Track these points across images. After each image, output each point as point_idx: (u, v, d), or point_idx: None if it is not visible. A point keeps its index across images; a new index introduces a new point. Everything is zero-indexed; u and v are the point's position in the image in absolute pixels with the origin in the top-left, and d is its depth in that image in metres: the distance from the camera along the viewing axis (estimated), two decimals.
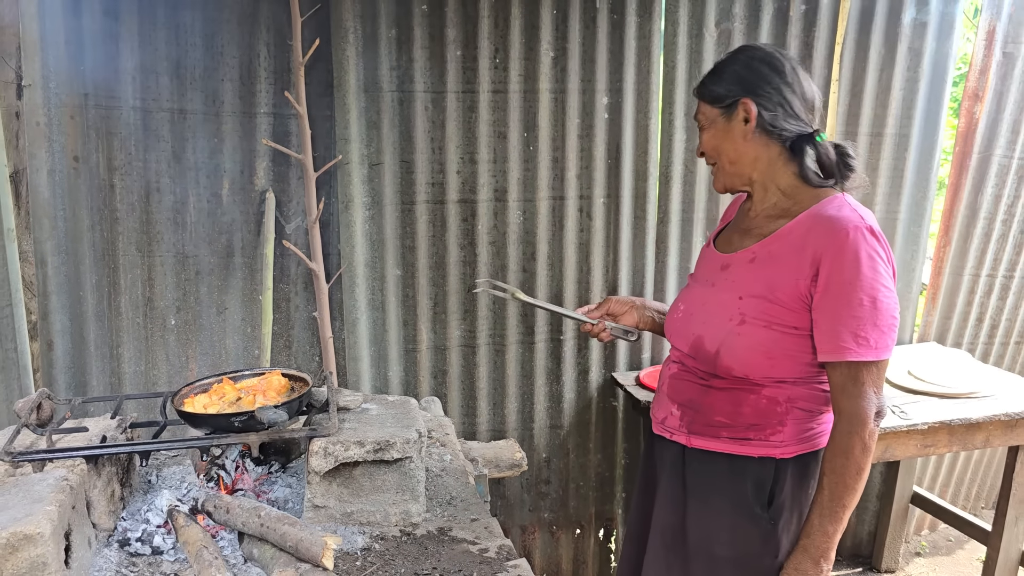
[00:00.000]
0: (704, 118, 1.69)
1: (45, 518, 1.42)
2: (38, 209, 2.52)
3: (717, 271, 1.73)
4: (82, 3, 2.45)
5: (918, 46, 3.10)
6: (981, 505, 3.94)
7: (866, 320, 1.51)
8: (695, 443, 1.72)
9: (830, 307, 1.53)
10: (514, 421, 3.10)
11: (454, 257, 2.90)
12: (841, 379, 1.56)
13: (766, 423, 1.64)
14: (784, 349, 1.60)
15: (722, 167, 1.69)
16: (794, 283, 1.57)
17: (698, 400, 1.72)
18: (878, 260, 1.52)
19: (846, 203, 1.59)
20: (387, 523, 1.80)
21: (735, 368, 1.63)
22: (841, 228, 1.53)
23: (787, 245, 1.60)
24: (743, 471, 1.66)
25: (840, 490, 1.56)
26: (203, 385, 1.96)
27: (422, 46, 2.70)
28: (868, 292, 1.51)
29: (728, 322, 1.63)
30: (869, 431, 1.55)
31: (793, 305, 1.57)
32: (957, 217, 3.37)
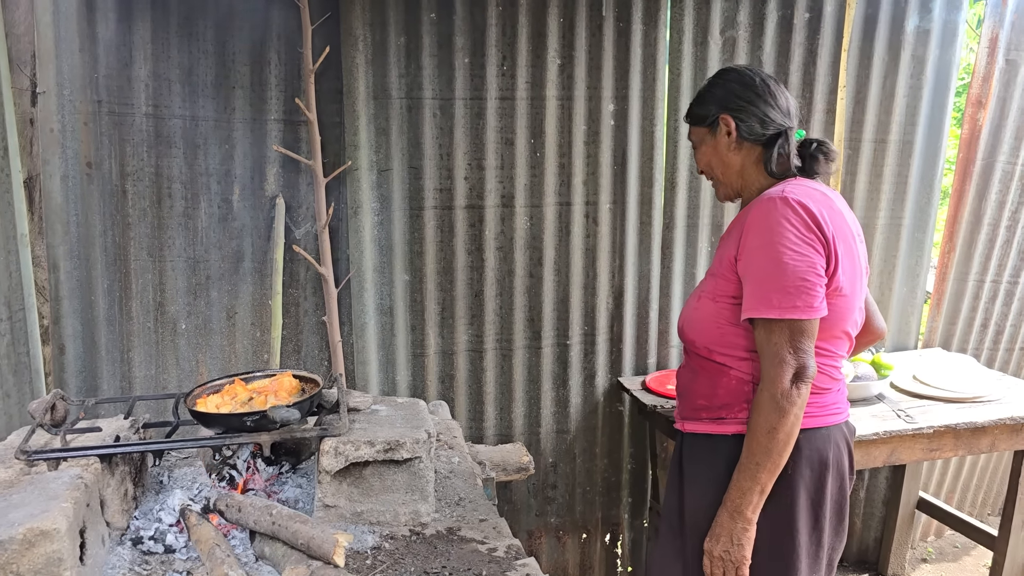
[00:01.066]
0: (695, 138, 1.87)
1: (61, 515, 1.44)
2: (51, 214, 2.54)
3: None
4: (96, 11, 2.48)
5: (921, 53, 3.13)
6: (988, 511, 3.94)
7: (770, 281, 1.61)
8: (687, 427, 1.86)
9: (745, 271, 1.66)
10: (521, 425, 3.11)
11: (462, 262, 2.92)
12: (759, 339, 1.66)
13: (735, 401, 1.74)
14: (727, 318, 1.72)
15: (718, 179, 1.86)
16: (728, 256, 1.71)
17: (686, 386, 1.86)
18: (787, 225, 1.60)
19: (787, 184, 1.70)
20: (397, 522, 1.82)
21: (696, 341, 1.79)
22: (760, 202, 1.66)
23: (733, 227, 1.75)
24: (720, 448, 1.76)
25: (753, 446, 1.64)
26: (215, 386, 1.98)
27: (430, 54, 2.74)
28: (771, 255, 1.61)
29: (692, 300, 1.83)
30: (782, 391, 1.61)
31: (729, 275, 1.71)
32: (961, 223, 3.39)
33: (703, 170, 1.89)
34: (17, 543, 1.37)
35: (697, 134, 1.86)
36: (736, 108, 1.78)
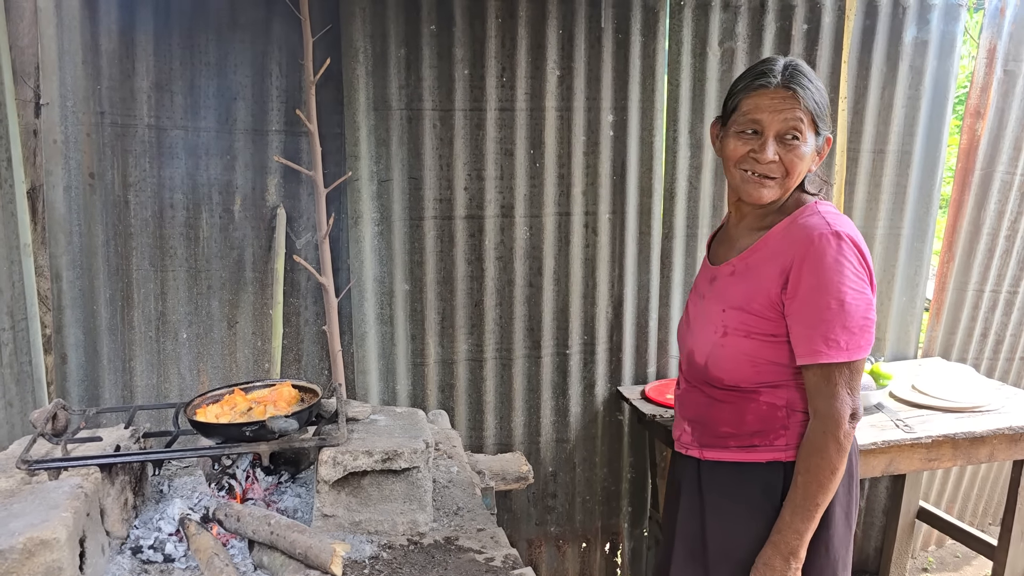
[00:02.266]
0: (806, 132, 1.60)
1: (61, 524, 1.45)
2: (54, 225, 2.57)
3: (707, 283, 1.79)
4: (99, 24, 2.51)
5: (919, 64, 3.14)
6: (988, 521, 3.94)
7: (835, 322, 1.55)
8: (708, 455, 1.76)
9: (800, 312, 1.58)
10: (520, 434, 3.12)
11: (461, 272, 2.94)
12: (815, 381, 1.60)
13: (769, 429, 1.68)
14: (766, 357, 1.65)
15: (788, 183, 1.64)
16: (767, 292, 1.61)
17: (704, 414, 1.76)
18: (845, 263, 1.55)
19: (817, 211, 1.63)
20: (395, 532, 1.83)
21: (725, 378, 1.69)
22: (807, 236, 1.58)
23: (762, 257, 1.65)
24: (752, 477, 1.70)
25: (814, 488, 1.59)
26: (215, 396, 1.99)
27: (430, 65, 2.76)
28: (835, 295, 1.54)
29: (713, 334, 1.70)
30: (844, 432, 1.58)
31: (768, 314, 1.62)
32: (960, 233, 3.40)
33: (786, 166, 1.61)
34: (17, 552, 1.38)
35: (808, 129, 1.60)
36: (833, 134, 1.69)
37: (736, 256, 1.72)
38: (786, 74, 1.59)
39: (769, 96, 1.59)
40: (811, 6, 3.01)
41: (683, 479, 1.85)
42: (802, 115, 1.58)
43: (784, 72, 1.59)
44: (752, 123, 1.61)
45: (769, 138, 1.60)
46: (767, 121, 1.59)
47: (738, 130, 1.64)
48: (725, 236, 1.85)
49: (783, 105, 1.58)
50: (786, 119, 1.58)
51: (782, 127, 1.59)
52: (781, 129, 1.59)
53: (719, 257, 1.81)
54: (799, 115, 1.58)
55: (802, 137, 1.60)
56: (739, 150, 1.64)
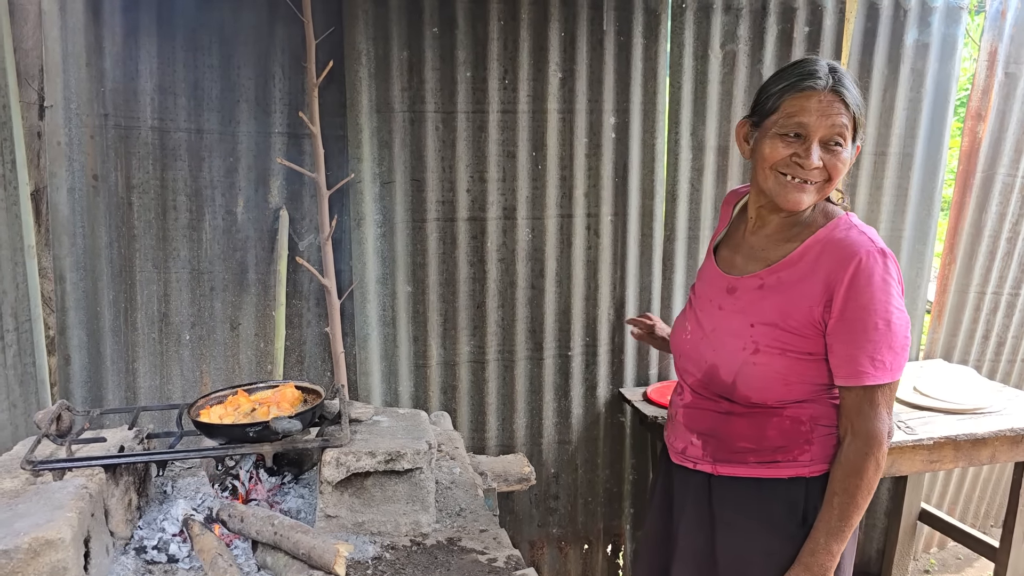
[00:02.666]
0: (847, 134, 1.56)
1: (66, 524, 1.46)
2: (58, 226, 2.57)
3: (723, 293, 1.71)
4: (103, 26, 2.52)
5: (920, 67, 3.15)
6: (991, 523, 3.94)
7: (881, 343, 1.52)
8: (721, 471, 1.71)
9: (846, 332, 1.53)
10: (523, 436, 3.13)
11: (464, 274, 2.95)
12: (857, 401, 1.56)
13: (792, 444, 1.64)
14: (800, 375, 1.60)
15: (825, 190, 1.59)
16: (807, 310, 1.56)
17: (719, 428, 1.70)
18: (891, 282, 1.52)
19: (853, 224, 1.60)
20: (397, 533, 1.84)
21: (752, 396, 1.63)
22: (853, 252, 1.53)
23: (797, 272, 1.59)
24: (774, 493, 1.66)
25: (851, 510, 1.57)
26: (218, 397, 2.00)
27: (433, 67, 2.77)
28: (883, 315, 1.51)
29: (742, 351, 1.62)
30: (883, 452, 1.57)
31: (807, 332, 1.58)
32: (962, 235, 3.40)
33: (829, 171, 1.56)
34: (23, 552, 1.39)
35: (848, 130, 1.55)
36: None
37: (764, 269, 1.65)
38: (834, 77, 1.54)
39: (817, 99, 1.53)
40: (812, 9, 3.01)
41: (687, 493, 1.79)
42: (847, 121, 1.54)
43: (831, 75, 1.54)
44: (797, 126, 1.54)
45: (814, 143, 1.54)
46: (814, 125, 1.53)
47: (780, 132, 1.57)
48: (739, 243, 1.77)
49: (831, 110, 1.53)
50: (833, 124, 1.53)
51: (828, 132, 1.53)
52: (827, 135, 1.54)
53: (734, 266, 1.73)
54: (845, 121, 1.53)
55: (845, 143, 1.55)
56: (780, 153, 1.57)
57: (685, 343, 1.78)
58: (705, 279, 1.80)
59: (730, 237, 1.81)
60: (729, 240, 1.81)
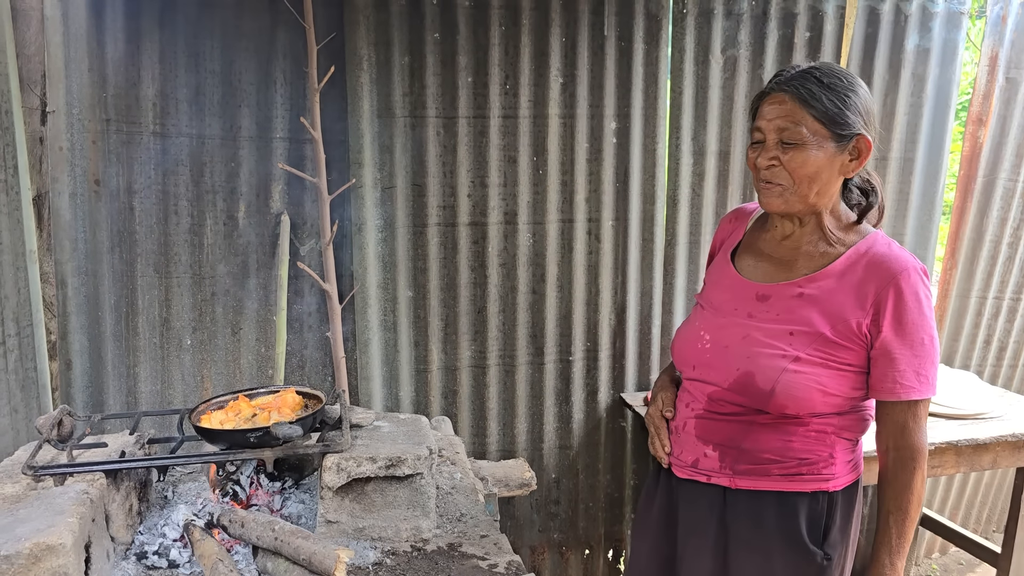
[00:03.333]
0: (807, 135, 1.52)
1: (67, 530, 1.46)
2: (59, 231, 2.58)
3: (753, 301, 1.66)
4: (105, 32, 2.52)
5: (921, 72, 3.15)
6: (993, 528, 3.93)
7: (927, 358, 1.55)
8: (741, 484, 1.65)
9: (895, 347, 1.54)
10: (524, 441, 3.13)
11: (465, 279, 2.95)
12: (901, 417, 1.57)
13: (817, 457, 1.62)
14: (837, 386, 1.58)
15: (800, 191, 1.56)
16: (852, 321, 1.55)
17: (740, 439, 1.64)
18: (930, 300, 1.57)
19: (892, 241, 1.61)
20: (398, 538, 1.83)
21: (789, 406, 1.57)
22: (902, 269, 1.54)
23: (842, 283, 1.58)
24: (795, 508, 1.62)
25: (907, 526, 1.58)
26: (219, 402, 2.00)
27: (434, 73, 2.77)
28: (927, 332, 1.54)
29: (782, 359, 1.57)
30: (926, 463, 1.59)
31: (851, 344, 1.56)
32: (963, 240, 3.40)
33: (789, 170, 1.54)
34: (24, 558, 1.39)
35: (814, 131, 1.52)
36: (873, 135, 1.56)
37: (802, 277, 1.62)
38: (783, 77, 1.56)
39: (768, 102, 1.57)
40: (813, 14, 3.02)
41: (696, 510, 1.72)
42: (799, 118, 1.52)
43: (783, 75, 1.56)
44: (755, 131, 1.59)
45: (769, 144, 1.56)
46: (765, 127, 1.57)
47: (750, 142, 1.63)
48: (762, 250, 1.73)
49: (777, 110, 1.55)
50: (778, 125, 1.54)
51: (776, 135, 1.55)
52: (776, 138, 1.55)
53: (760, 274, 1.69)
54: (793, 119, 1.52)
55: (802, 141, 1.52)
56: (750, 159, 1.62)
57: (703, 352, 1.70)
58: (724, 287, 1.74)
59: (750, 247, 1.77)
60: (750, 249, 1.77)
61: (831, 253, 1.62)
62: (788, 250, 1.67)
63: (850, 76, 1.57)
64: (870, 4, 3.05)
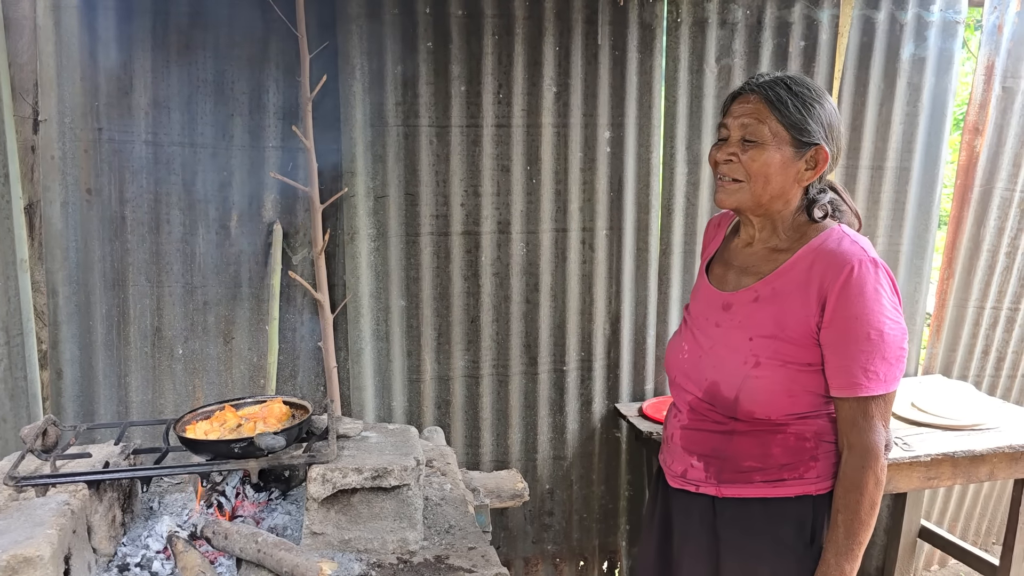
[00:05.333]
0: (769, 135, 1.56)
1: (45, 541, 1.45)
2: (51, 240, 2.57)
3: (719, 311, 1.69)
4: (97, 40, 2.52)
5: (917, 81, 3.14)
6: (991, 540, 3.89)
7: (874, 353, 1.51)
8: (727, 492, 1.67)
9: (838, 342, 1.53)
10: (517, 451, 3.11)
11: (458, 288, 2.93)
12: (851, 413, 1.55)
13: (798, 461, 1.61)
14: (803, 385, 1.58)
15: (753, 189, 1.59)
16: (803, 319, 1.55)
17: (722, 448, 1.66)
18: (882, 292, 1.52)
19: (845, 235, 1.59)
20: (384, 550, 1.81)
21: (756, 411, 1.60)
22: (845, 261, 1.52)
23: (790, 281, 1.59)
24: (781, 513, 1.63)
25: (856, 527, 1.55)
26: (205, 412, 1.99)
27: (427, 82, 2.77)
28: (875, 325, 1.50)
29: (743, 366, 1.60)
30: (881, 465, 1.54)
31: (804, 342, 1.56)
32: (960, 250, 3.38)
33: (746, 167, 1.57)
34: (0, 570, 1.37)
35: (775, 132, 1.56)
36: (832, 149, 1.59)
37: (758, 281, 1.64)
38: (756, 80, 1.60)
39: (738, 104, 1.61)
40: (808, 23, 3.01)
41: (689, 519, 1.75)
42: (763, 118, 1.56)
43: (756, 79, 1.61)
44: (722, 128, 1.64)
45: (732, 140, 1.61)
46: (731, 124, 1.61)
47: (715, 140, 1.68)
48: (729, 259, 1.77)
49: (742, 109, 1.59)
50: (742, 123, 1.58)
51: (739, 132, 1.59)
52: (738, 135, 1.59)
53: (727, 282, 1.72)
54: (758, 117, 1.57)
55: (762, 140, 1.56)
56: (711, 156, 1.67)
57: (683, 362, 1.75)
58: (700, 298, 1.78)
59: (722, 256, 1.81)
60: (721, 258, 1.81)
61: (785, 255, 1.63)
62: (748, 256, 1.70)
63: (819, 89, 1.60)
64: (865, 13, 3.04)
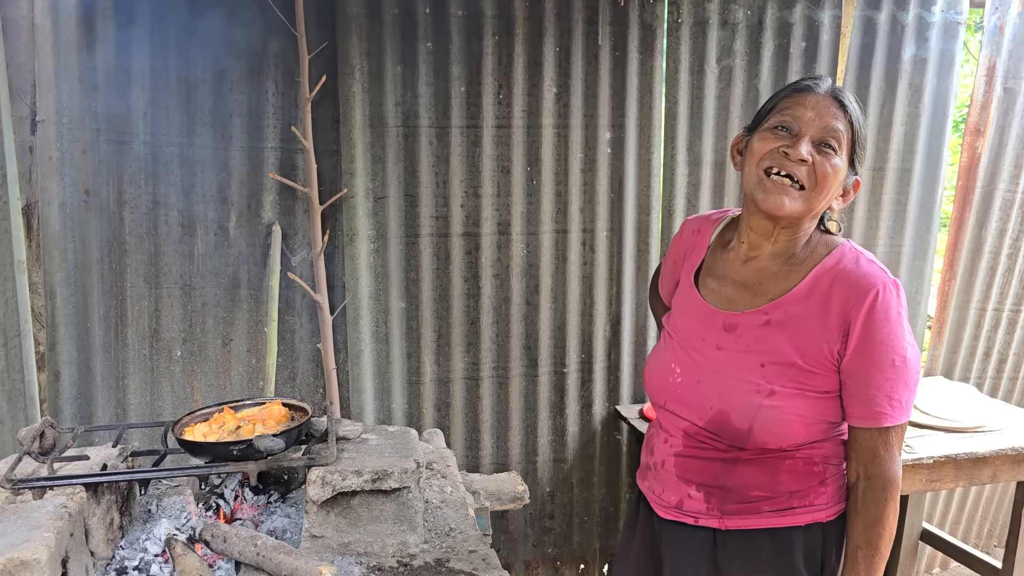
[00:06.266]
0: (840, 147, 1.46)
1: (42, 544, 1.43)
2: (49, 241, 2.56)
3: (720, 331, 1.56)
4: (96, 41, 2.51)
5: (918, 82, 3.13)
6: (994, 543, 3.88)
7: (899, 381, 1.44)
8: (731, 524, 1.56)
9: (863, 370, 1.45)
10: (517, 454, 3.09)
11: (458, 290, 2.92)
12: (872, 443, 1.47)
13: (808, 487, 1.54)
14: (818, 414, 1.50)
15: (811, 202, 1.47)
16: (823, 346, 1.46)
17: (726, 478, 1.55)
18: (903, 316, 1.45)
19: (860, 253, 1.51)
20: (384, 553, 1.80)
21: (770, 442, 1.50)
22: (870, 286, 1.43)
23: (809, 306, 1.48)
24: (790, 543, 1.54)
25: (877, 562, 1.48)
26: (204, 414, 1.97)
27: (427, 82, 2.75)
28: (899, 352, 1.43)
29: (756, 395, 1.48)
30: (899, 493, 1.49)
31: (823, 370, 1.47)
32: (961, 251, 3.37)
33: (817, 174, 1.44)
34: None
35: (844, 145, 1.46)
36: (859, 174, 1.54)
37: (768, 303, 1.52)
38: (828, 83, 1.49)
39: (814, 99, 1.46)
40: (809, 24, 3.00)
41: (684, 554, 1.62)
42: (843, 128, 1.45)
43: (825, 81, 1.49)
44: (791, 119, 1.46)
45: (805, 137, 1.44)
46: (806, 120, 1.44)
47: (771, 127, 1.48)
48: (724, 273, 1.63)
49: (826, 111, 1.45)
50: (827, 125, 1.44)
51: (820, 132, 1.44)
52: (818, 135, 1.44)
53: (728, 300, 1.58)
54: (840, 126, 1.45)
55: (839, 150, 1.45)
56: (768, 145, 1.46)
57: (675, 387, 1.60)
58: (690, 314, 1.63)
59: (712, 267, 1.66)
60: (713, 271, 1.65)
61: (796, 274, 1.52)
62: (752, 272, 1.57)
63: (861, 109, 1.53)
64: (866, 14, 3.03)
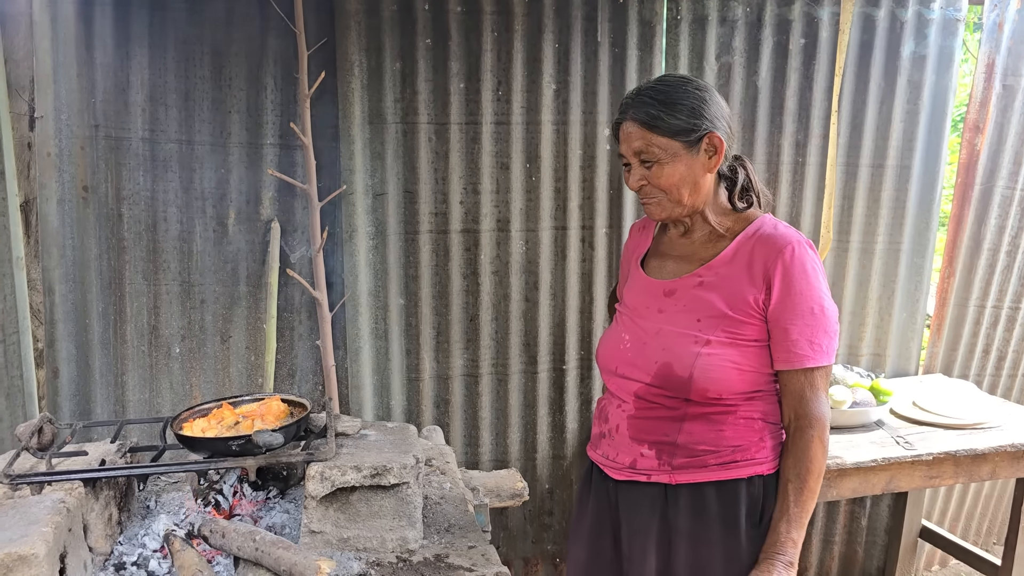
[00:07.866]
0: (660, 152, 1.64)
1: (40, 539, 1.43)
2: (47, 238, 2.56)
3: (661, 297, 1.75)
4: (94, 37, 2.51)
5: (918, 79, 3.13)
6: (993, 540, 3.88)
7: (817, 327, 1.62)
8: (680, 479, 1.70)
9: (785, 317, 1.62)
10: (517, 451, 3.09)
11: (457, 286, 2.92)
12: (799, 386, 1.64)
13: (749, 443, 1.68)
14: (750, 363, 1.66)
15: (673, 199, 1.68)
16: (749, 297, 1.64)
17: (674, 434, 1.69)
18: (819, 271, 1.64)
19: (778, 222, 1.71)
20: (384, 549, 1.80)
21: (710, 389, 1.65)
22: (786, 243, 1.64)
23: (734, 266, 1.68)
24: (735, 494, 1.68)
25: (805, 495, 1.62)
26: (203, 410, 1.97)
27: (426, 79, 2.75)
28: (816, 301, 1.62)
29: (694, 345, 1.66)
30: (827, 434, 1.64)
31: (750, 319, 1.65)
32: (961, 248, 3.37)
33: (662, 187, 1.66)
34: None
35: (665, 148, 1.63)
36: (720, 127, 1.65)
37: (701, 267, 1.72)
38: (624, 105, 1.68)
39: (623, 130, 1.69)
40: (808, 21, 3.00)
41: (638, 511, 1.75)
42: (648, 139, 1.64)
43: (624, 103, 1.68)
44: (622, 151, 1.71)
45: (634, 166, 1.69)
46: (625, 150, 1.70)
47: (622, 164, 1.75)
48: (666, 251, 1.84)
49: (628, 137, 1.67)
50: (635, 149, 1.67)
51: (635, 157, 1.68)
52: (636, 159, 1.68)
53: (666, 272, 1.79)
54: (640, 143, 1.65)
55: (657, 158, 1.64)
56: (626, 183, 1.75)
57: (625, 352, 1.77)
58: (636, 290, 1.84)
59: (656, 251, 1.88)
60: (656, 253, 1.88)
61: (723, 242, 1.72)
62: (686, 246, 1.79)
63: (682, 83, 1.67)
64: (865, 11, 3.03)
